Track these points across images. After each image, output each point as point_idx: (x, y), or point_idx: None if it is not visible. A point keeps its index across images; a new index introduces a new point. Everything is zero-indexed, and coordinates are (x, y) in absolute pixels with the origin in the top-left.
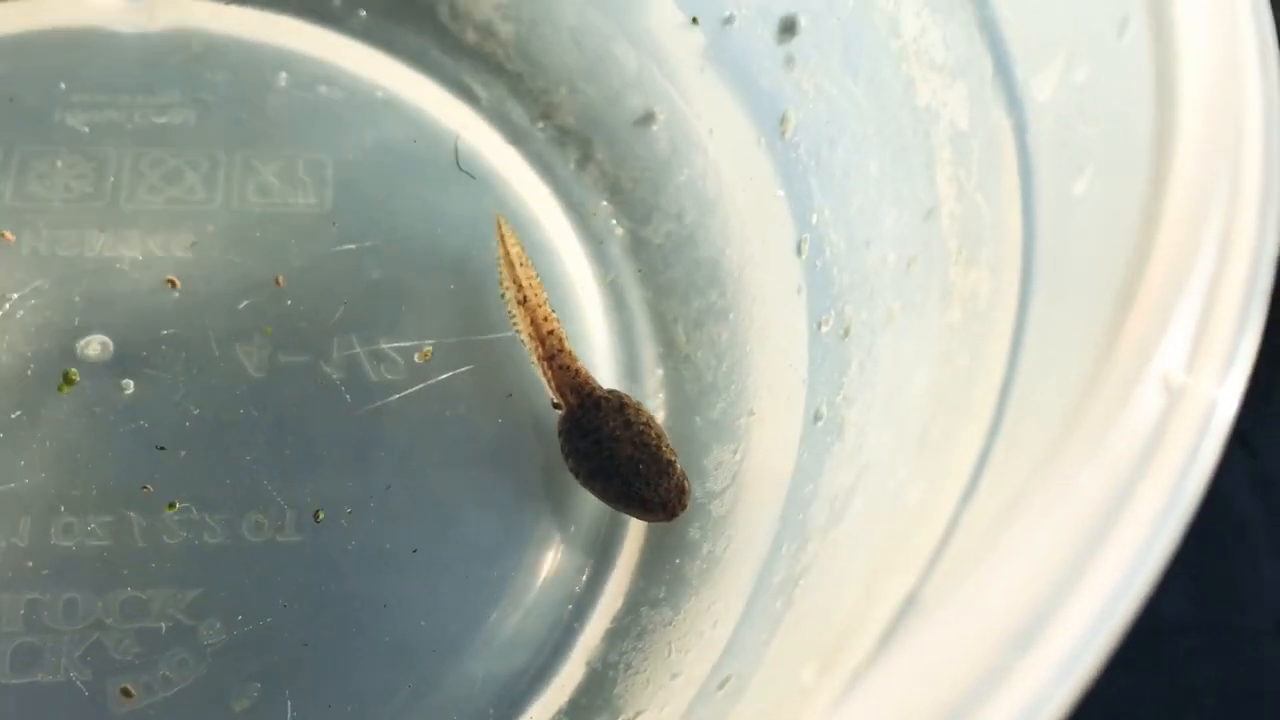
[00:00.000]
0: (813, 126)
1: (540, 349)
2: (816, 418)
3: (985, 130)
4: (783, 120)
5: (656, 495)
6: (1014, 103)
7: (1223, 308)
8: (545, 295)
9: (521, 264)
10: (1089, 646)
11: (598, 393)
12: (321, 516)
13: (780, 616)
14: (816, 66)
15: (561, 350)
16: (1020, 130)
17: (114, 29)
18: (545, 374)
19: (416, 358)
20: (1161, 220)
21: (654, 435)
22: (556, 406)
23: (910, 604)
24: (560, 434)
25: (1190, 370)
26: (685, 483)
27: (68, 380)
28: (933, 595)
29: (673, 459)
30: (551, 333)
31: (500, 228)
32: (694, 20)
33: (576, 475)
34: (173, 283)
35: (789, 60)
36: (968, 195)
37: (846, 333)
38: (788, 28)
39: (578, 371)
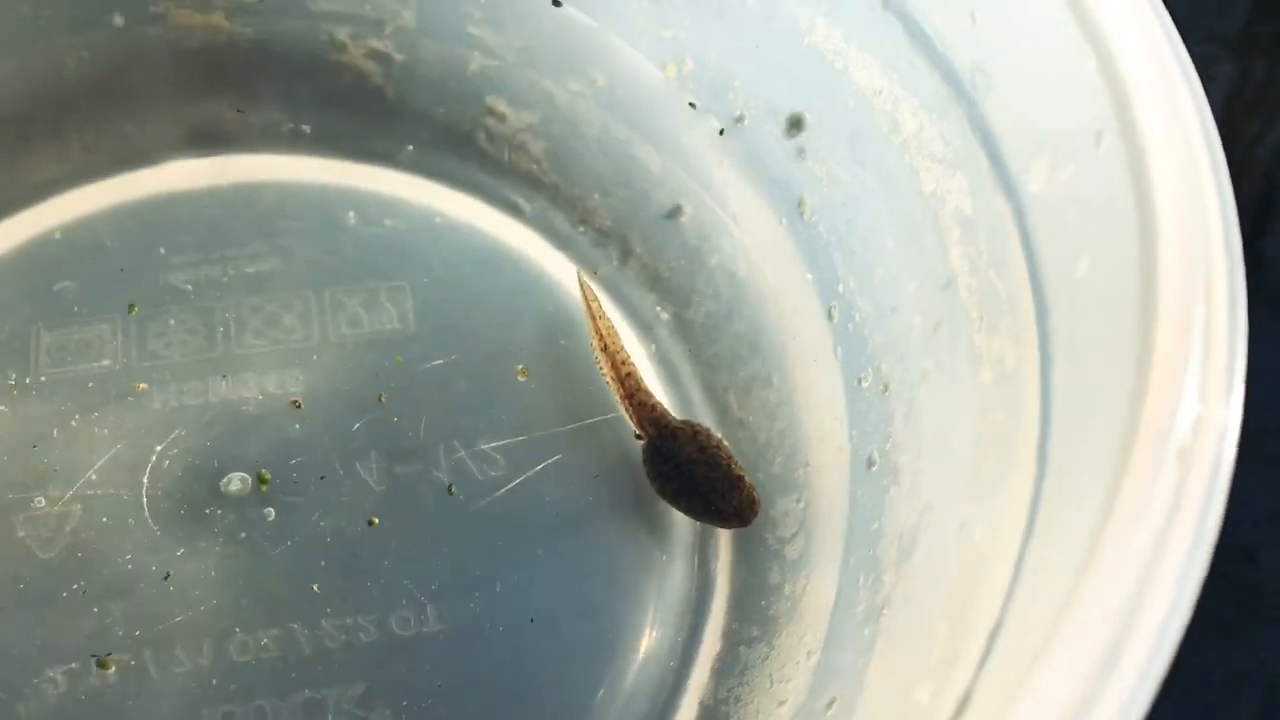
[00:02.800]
0: (829, 209)
1: (621, 389)
2: (869, 464)
3: (988, 216)
4: (800, 204)
5: (730, 506)
6: (1010, 193)
7: (1218, 353)
8: (621, 343)
9: (600, 316)
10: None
11: (673, 424)
12: (455, 604)
13: (872, 643)
14: (826, 157)
15: (639, 389)
16: (1019, 216)
17: (191, 190)
18: (627, 410)
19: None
20: (1158, 295)
21: (724, 456)
22: (639, 437)
23: (998, 633)
24: (645, 461)
25: (1204, 403)
26: (754, 493)
27: (218, 518)
28: (1016, 626)
29: (741, 474)
30: (629, 374)
31: (583, 286)
32: (707, 119)
33: (663, 495)
34: (297, 404)
35: (800, 152)
36: (980, 271)
37: (886, 388)
38: (795, 124)
39: (654, 406)
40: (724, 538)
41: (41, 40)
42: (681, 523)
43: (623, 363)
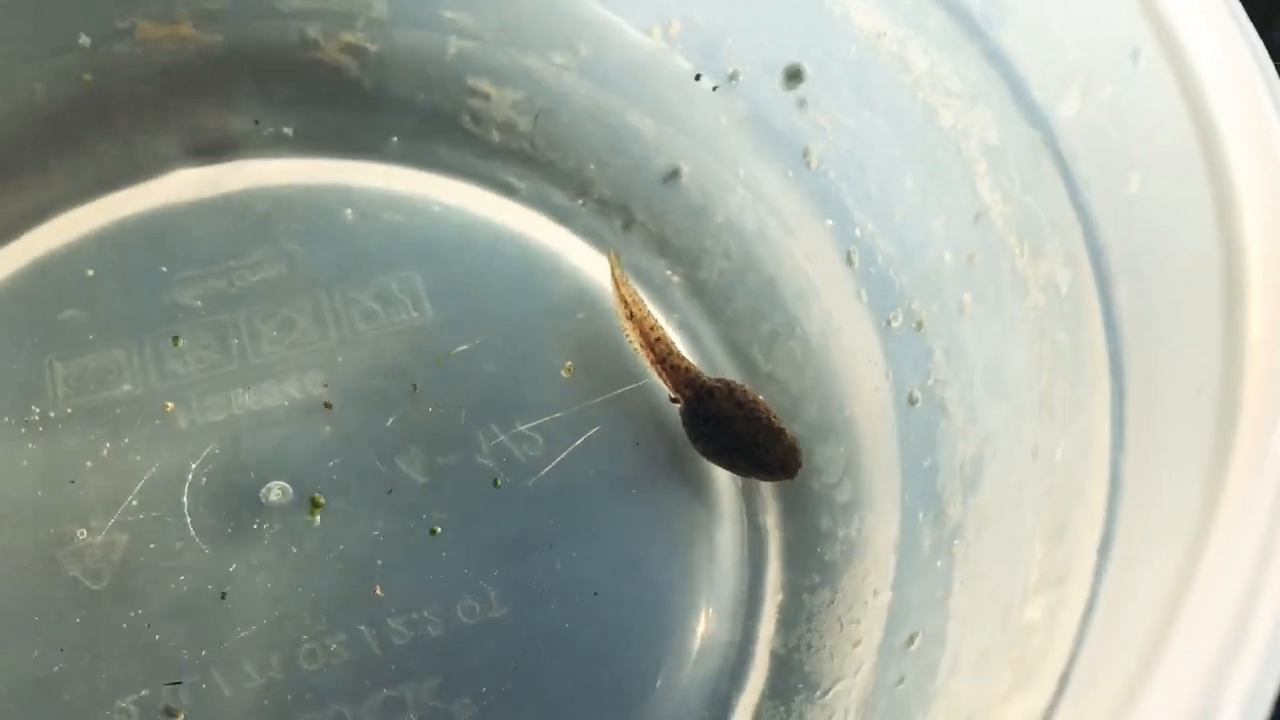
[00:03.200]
0: (838, 156)
1: (652, 354)
2: (912, 402)
3: (1017, 144)
4: (806, 154)
5: (775, 459)
6: (1038, 120)
7: None
8: (647, 309)
9: (624, 284)
10: None
11: (709, 383)
12: (517, 586)
13: (947, 574)
14: (829, 105)
15: (670, 352)
16: (1052, 142)
17: (182, 205)
18: (661, 375)
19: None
20: (1234, 196)
21: (763, 410)
22: (674, 400)
23: (1109, 546)
24: (684, 423)
25: None
26: (797, 444)
27: (264, 529)
28: (1127, 536)
29: (782, 426)
30: (659, 339)
31: (611, 260)
32: (697, 77)
33: (706, 455)
34: (329, 405)
35: (801, 103)
36: (1015, 198)
37: (920, 326)
38: (794, 75)
39: (688, 368)
40: (771, 491)
41: (8, 70)
42: (726, 481)
43: (651, 328)
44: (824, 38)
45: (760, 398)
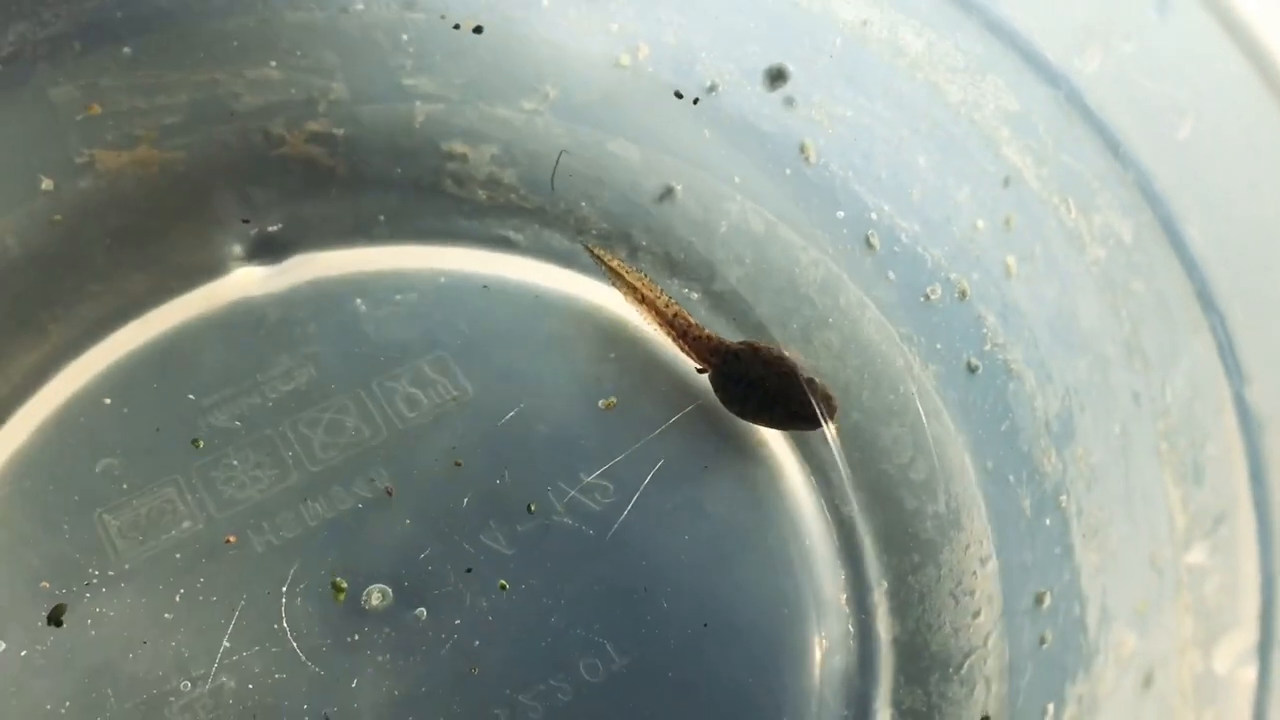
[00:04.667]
0: (838, 146)
1: (671, 330)
2: (971, 370)
3: (1040, 107)
4: (803, 149)
5: (808, 409)
6: (1057, 80)
7: None
8: (659, 287)
9: (627, 271)
10: None
11: (733, 347)
12: (630, 634)
13: (1063, 530)
14: (820, 100)
15: (690, 324)
16: (1076, 100)
17: (190, 330)
18: (684, 349)
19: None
20: None
21: (789, 365)
22: (701, 370)
23: (1262, 476)
24: (716, 390)
25: None
26: (829, 390)
27: (374, 637)
28: None
29: (811, 377)
30: (676, 314)
31: (595, 253)
32: (678, 95)
33: (743, 416)
34: (389, 491)
35: (788, 101)
36: (1050, 159)
37: (963, 295)
38: (776, 76)
39: (709, 337)
40: (849, 482)
41: None
42: (802, 481)
43: (666, 305)
44: (805, 35)
45: (786, 352)
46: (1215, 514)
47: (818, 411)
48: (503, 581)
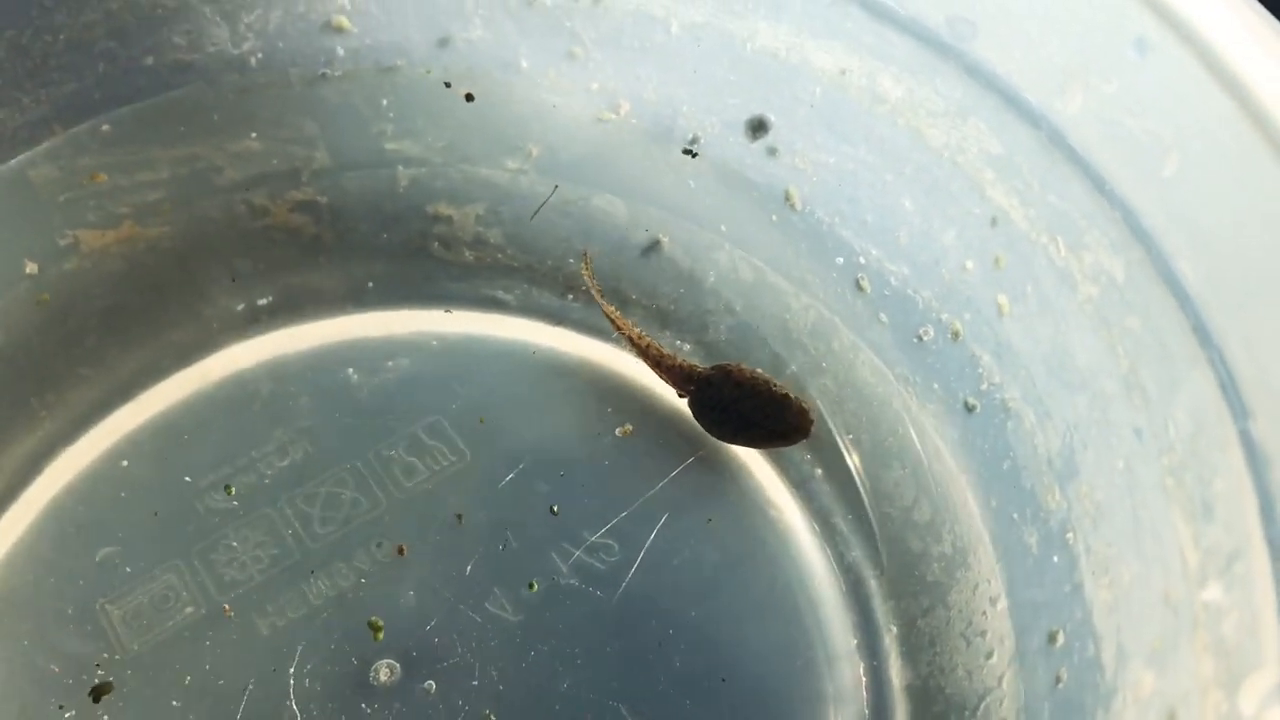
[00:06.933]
0: (823, 193)
1: (647, 360)
2: (969, 410)
3: (1023, 148)
4: (787, 197)
5: (786, 424)
6: (1038, 121)
7: None
8: (628, 321)
9: (605, 304)
10: None
11: (705, 373)
12: (645, 695)
13: (1073, 564)
14: (802, 149)
15: (663, 355)
16: (1059, 141)
17: (182, 409)
18: (662, 377)
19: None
20: None
21: (763, 383)
22: (681, 395)
23: (1272, 512)
24: (696, 417)
25: None
26: (803, 404)
27: (385, 714)
28: None
29: (785, 392)
30: (649, 345)
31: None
32: (658, 150)
33: (724, 439)
34: (401, 550)
35: (771, 151)
36: (1037, 199)
37: (956, 335)
38: (758, 126)
39: (682, 365)
40: (850, 526)
41: None
42: (806, 531)
43: (639, 337)
44: (783, 85)
45: (758, 371)
46: (1228, 551)
47: (793, 427)
48: (511, 649)
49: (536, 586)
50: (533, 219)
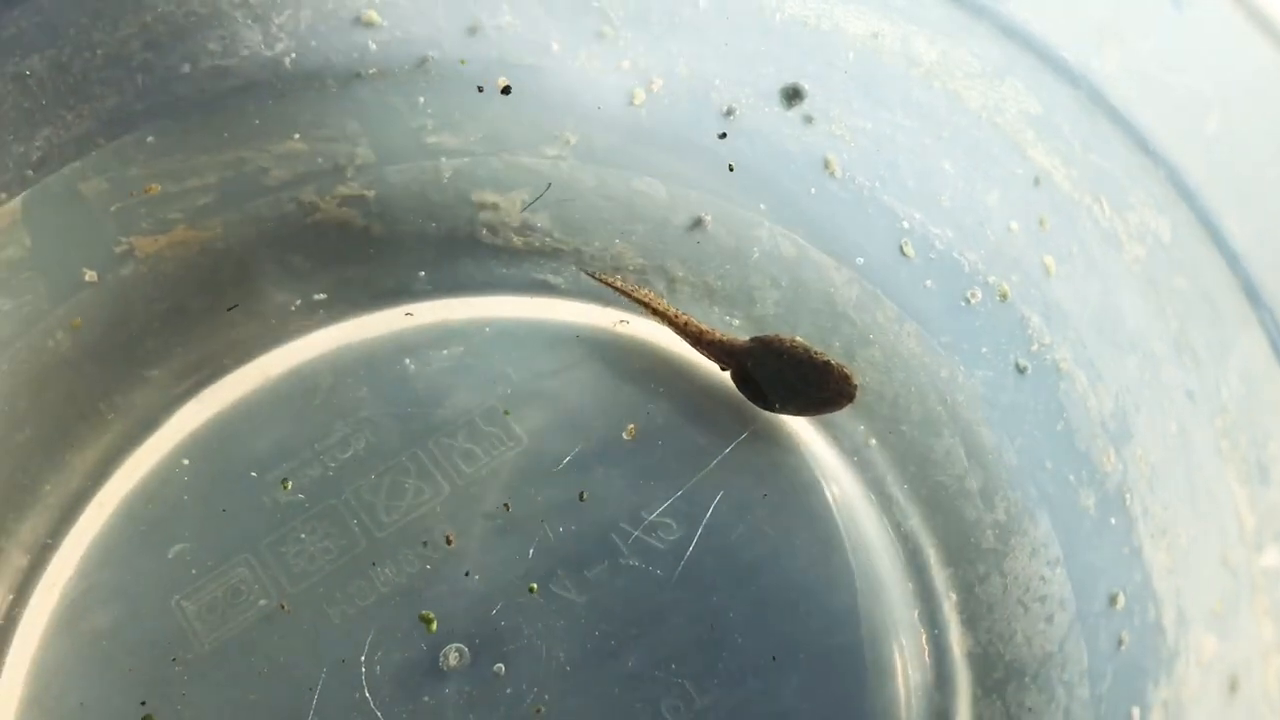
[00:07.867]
0: (862, 159)
1: (687, 338)
2: (1020, 371)
3: (1063, 107)
4: (826, 165)
5: (830, 391)
6: (1077, 80)
7: None
8: (666, 301)
9: (634, 291)
10: None
11: (744, 345)
12: (708, 671)
13: (1131, 528)
14: (839, 115)
15: (701, 331)
16: (1099, 99)
17: (244, 406)
18: (702, 352)
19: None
20: None
21: (803, 351)
22: (724, 368)
23: None
24: (739, 387)
25: None
26: (845, 370)
27: (456, 697)
28: None
29: (826, 359)
30: (687, 323)
31: (601, 278)
32: (694, 126)
33: (770, 409)
34: (449, 539)
35: (807, 119)
36: (1079, 158)
37: (1004, 297)
38: (792, 95)
39: (721, 339)
40: (906, 495)
41: (27, 328)
42: (862, 500)
43: (676, 316)
44: (816, 52)
45: (797, 339)
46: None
47: (836, 393)
48: (577, 629)
49: (599, 567)
50: (523, 210)
